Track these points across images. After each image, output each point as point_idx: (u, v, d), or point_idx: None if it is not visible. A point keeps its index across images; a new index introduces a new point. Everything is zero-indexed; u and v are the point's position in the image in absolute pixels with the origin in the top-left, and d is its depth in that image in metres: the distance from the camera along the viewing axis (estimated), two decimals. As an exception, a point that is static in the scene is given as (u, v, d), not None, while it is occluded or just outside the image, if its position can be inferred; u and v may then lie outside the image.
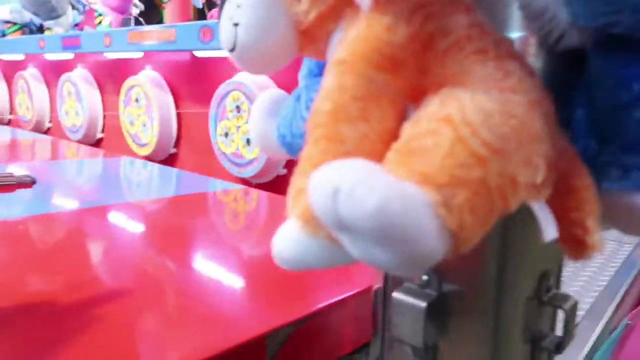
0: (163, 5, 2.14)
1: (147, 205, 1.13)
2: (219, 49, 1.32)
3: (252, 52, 0.35)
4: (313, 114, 0.31)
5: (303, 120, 0.49)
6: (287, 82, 1.34)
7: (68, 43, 1.76)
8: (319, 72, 0.48)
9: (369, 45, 0.28)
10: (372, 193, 0.20)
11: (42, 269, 0.69)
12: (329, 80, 0.30)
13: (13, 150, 1.81)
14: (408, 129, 0.26)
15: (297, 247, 0.28)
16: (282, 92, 0.55)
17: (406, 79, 0.28)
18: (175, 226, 0.98)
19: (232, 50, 0.36)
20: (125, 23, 1.90)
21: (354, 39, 0.29)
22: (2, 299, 0.58)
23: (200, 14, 1.91)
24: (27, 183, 0.84)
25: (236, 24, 0.35)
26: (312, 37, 0.35)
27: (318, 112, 0.30)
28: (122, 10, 1.94)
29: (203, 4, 1.91)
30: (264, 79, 1.36)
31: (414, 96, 0.29)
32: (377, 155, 0.26)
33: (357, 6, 0.30)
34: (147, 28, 1.47)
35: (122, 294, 0.61)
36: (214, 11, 1.89)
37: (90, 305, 0.58)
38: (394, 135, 0.27)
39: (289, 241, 0.29)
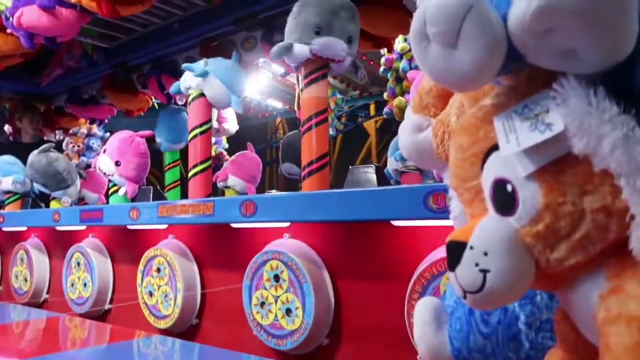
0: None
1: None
2: (259, 221, 1.35)
3: (500, 297, 0.37)
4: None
5: (481, 335, 0.50)
6: (326, 250, 1.36)
7: (88, 216, 1.76)
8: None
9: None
10: None
11: None
12: (625, 338, 0.32)
13: (13, 333, 1.69)
14: None
15: None
16: (436, 300, 0.56)
17: None
18: None
19: (474, 292, 0.38)
20: (142, 192, 1.93)
21: None
22: None
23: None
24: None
25: (484, 270, 0.37)
26: (553, 278, 0.38)
27: None
28: (138, 180, 1.99)
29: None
30: (303, 247, 1.38)
31: None
32: None
33: (625, 257, 0.33)
34: (181, 202, 1.50)
35: None
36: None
37: None
38: None
39: None
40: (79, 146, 3.79)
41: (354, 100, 4.15)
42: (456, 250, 0.39)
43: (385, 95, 3.45)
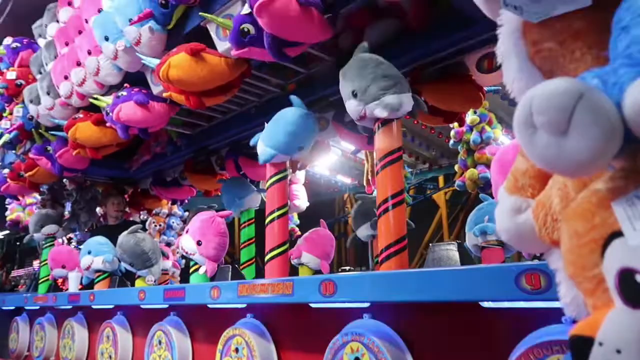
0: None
1: None
2: (339, 301, 1.33)
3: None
4: None
5: None
6: (409, 332, 1.30)
7: (171, 295, 1.82)
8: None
9: None
10: None
11: None
12: None
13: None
14: None
15: None
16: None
17: None
18: None
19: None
20: (221, 270, 1.98)
21: None
22: None
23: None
24: None
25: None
26: None
27: None
28: (217, 259, 2.05)
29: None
30: (385, 329, 1.33)
31: None
32: None
33: None
34: (260, 281, 1.52)
35: None
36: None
37: None
38: None
39: None
40: (160, 225, 4.00)
41: (424, 173, 4.15)
42: (583, 346, 0.36)
43: (456, 167, 3.42)
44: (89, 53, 2.12)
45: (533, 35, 0.55)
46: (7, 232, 5.96)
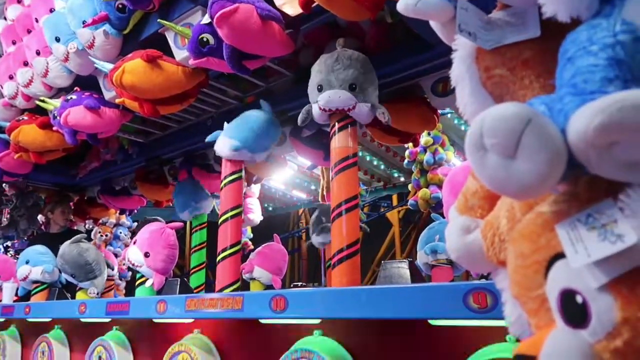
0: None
1: None
2: (289, 317, 1.32)
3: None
4: None
5: None
6: (359, 349, 1.30)
7: (114, 308, 1.74)
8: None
9: None
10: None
11: None
12: None
13: None
14: None
15: None
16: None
17: None
18: None
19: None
20: (169, 284, 1.92)
21: None
22: None
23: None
24: None
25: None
26: None
27: None
28: (165, 272, 1.99)
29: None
30: (335, 346, 1.32)
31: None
32: None
33: None
34: (209, 296, 1.48)
35: None
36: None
37: None
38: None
39: None
40: (106, 235, 3.85)
41: (378, 191, 4.20)
42: (525, 365, 0.37)
43: (409, 186, 3.50)
44: (38, 53, 2.03)
45: (485, 62, 0.57)
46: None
